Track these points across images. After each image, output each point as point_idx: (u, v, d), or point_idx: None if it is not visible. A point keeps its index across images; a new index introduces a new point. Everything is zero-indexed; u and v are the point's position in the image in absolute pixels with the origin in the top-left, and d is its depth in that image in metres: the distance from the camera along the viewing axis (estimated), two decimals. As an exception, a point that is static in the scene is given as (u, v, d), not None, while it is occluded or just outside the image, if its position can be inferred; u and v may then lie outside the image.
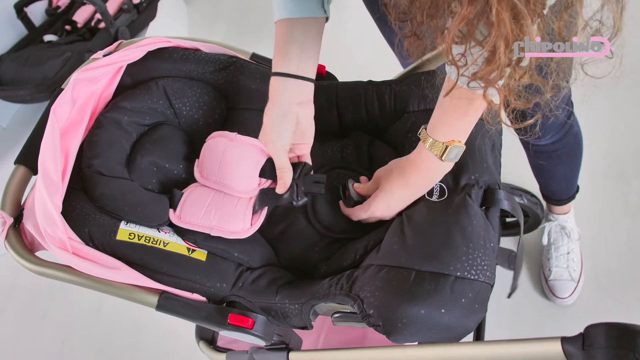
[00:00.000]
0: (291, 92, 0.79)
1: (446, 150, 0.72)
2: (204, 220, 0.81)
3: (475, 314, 0.68)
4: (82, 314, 1.64)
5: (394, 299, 0.67)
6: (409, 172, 0.77)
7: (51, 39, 2.00)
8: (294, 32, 0.77)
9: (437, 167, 0.75)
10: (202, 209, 0.82)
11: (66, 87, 0.82)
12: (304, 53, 0.78)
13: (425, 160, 0.75)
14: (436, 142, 0.72)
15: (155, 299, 0.76)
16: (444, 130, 0.72)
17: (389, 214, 0.80)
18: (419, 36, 0.59)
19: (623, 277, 1.40)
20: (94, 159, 0.83)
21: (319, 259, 0.83)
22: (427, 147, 0.73)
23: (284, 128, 0.80)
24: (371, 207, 0.80)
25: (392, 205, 0.79)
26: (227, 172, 0.83)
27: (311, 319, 0.77)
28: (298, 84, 0.79)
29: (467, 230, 0.72)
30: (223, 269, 0.80)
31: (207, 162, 0.85)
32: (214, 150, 0.86)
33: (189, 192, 0.85)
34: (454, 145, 0.72)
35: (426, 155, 0.74)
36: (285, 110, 0.79)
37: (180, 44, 0.93)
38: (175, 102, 0.90)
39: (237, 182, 0.82)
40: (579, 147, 1.20)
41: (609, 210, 1.51)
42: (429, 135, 0.73)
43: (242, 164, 0.82)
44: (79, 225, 0.77)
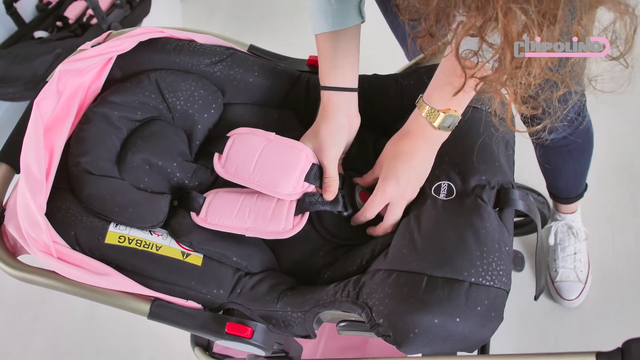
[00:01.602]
0: (345, 104, 0.81)
1: (440, 118, 0.73)
2: (237, 222, 0.79)
3: (491, 323, 0.63)
4: (75, 317, 1.60)
5: (405, 307, 0.62)
6: (406, 143, 0.76)
7: (42, 36, 1.96)
8: (338, 44, 0.78)
9: (432, 135, 0.75)
10: (234, 210, 0.80)
11: (51, 79, 0.77)
12: (348, 62, 0.80)
13: (419, 127, 0.75)
14: (432, 110, 0.73)
15: (147, 307, 0.72)
16: (441, 98, 0.73)
17: (402, 195, 0.77)
18: (433, 34, 0.59)
19: (632, 278, 1.38)
20: (82, 156, 0.78)
21: (323, 264, 0.79)
22: (423, 114, 0.74)
23: (340, 140, 0.82)
24: (380, 193, 0.77)
25: (401, 183, 0.76)
26: (269, 174, 0.80)
27: (314, 328, 0.72)
28: (350, 96, 0.81)
29: (480, 233, 0.68)
30: (220, 275, 0.76)
31: (237, 159, 0.82)
32: (246, 148, 0.83)
33: (212, 195, 0.82)
34: (449, 113, 0.73)
35: (421, 122, 0.75)
36: (342, 124, 0.81)
37: (174, 35, 0.88)
38: (168, 96, 0.85)
39: (284, 186, 0.80)
40: (590, 143, 1.17)
41: (617, 210, 1.48)
42: (425, 102, 0.74)
43: (288, 167, 0.80)
44: (65, 228, 0.73)
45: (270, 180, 0.80)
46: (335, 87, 0.80)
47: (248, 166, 0.82)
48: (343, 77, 0.80)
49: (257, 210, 0.79)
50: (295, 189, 0.80)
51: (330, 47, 0.78)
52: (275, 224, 0.78)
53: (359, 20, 0.78)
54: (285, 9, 2.18)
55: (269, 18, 2.17)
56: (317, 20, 0.77)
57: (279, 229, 0.78)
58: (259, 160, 0.82)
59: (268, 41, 0.82)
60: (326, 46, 0.79)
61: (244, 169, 0.82)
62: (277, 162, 0.81)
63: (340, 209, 0.79)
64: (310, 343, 1.18)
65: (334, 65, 0.79)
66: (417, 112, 0.76)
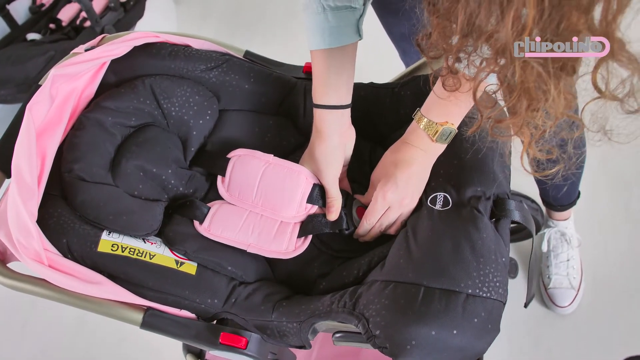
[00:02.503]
0: (338, 122, 0.80)
1: (438, 131, 0.74)
2: (240, 237, 0.79)
3: (488, 335, 0.63)
4: (65, 323, 1.58)
5: (402, 319, 0.62)
6: (405, 152, 0.77)
7: (34, 38, 1.93)
8: (333, 62, 0.77)
9: (429, 146, 0.76)
10: (238, 224, 0.80)
11: (44, 83, 0.75)
12: (342, 80, 0.79)
13: (417, 139, 0.76)
14: (431, 123, 0.74)
15: (140, 316, 0.71)
16: (440, 112, 0.74)
17: (401, 201, 0.76)
18: (455, 72, 0.58)
19: (625, 285, 1.38)
20: (75, 162, 0.77)
21: (318, 274, 0.78)
22: (421, 127, 0.75)
23: (336, 159, 0.81)
24: (380, 199, 0.77)
25: (400, 188, 0.76)
26: (272, 198, 0.82)
27: (310, 338, 0.71)
28: (342, 113, 0.80)
29: (477, 244, 0.68)
30: (214, 284, 0.75)
31: (239, 182, 0.83)
32: (247, 171, 0.83)
33: (217, 206, 0.82)
34: (447, 126, 0.74)
35: (419, 134, 0.76)
36: (336, 143, 0.81)
37: (169, 40, 0.87)
38: (163, 102, 0.84)
39: (287, 210, 0.80)
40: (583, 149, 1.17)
41: (609, 217, 1.48)
42: (423, 115, 0.75)
43: (289, 191, 0.81)
44: (56, 235, 0.71)
45: (274, 204, 0.81)
46: (327, 105, 0.79)
47: (251, 190, 0.82)
48: (336, 95, 0.78)
49: (261, 228, 0.80)
50: (298, 212, 0.81)
51: (325, 65, 0.77)
52: (277, 244, 0.79)
53: (356, 38, 0.76)
54: (278, 14, 2.17)
55: (263, 22, 2.16)
56: (312, 37, 0.76)
57: (281, 249, 0.79)
58: (260, 184, 0.82)
59: (261, 45, 0.81)
60: (321, 63, 0.77)
61: (247, 194, 0.83)
62: (278, 186, 0.82)
63: (343, 227, 0.80)
64: (303, 351, 1.18)
65: (328, 83, 0.78)
66: (415, 124, 0.76)
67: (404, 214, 0.78)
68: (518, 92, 0.50)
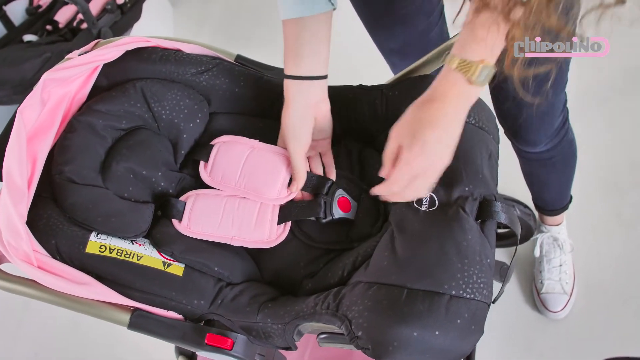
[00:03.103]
0: (306, 94, 0.78)
1: (478, 70, 0.64)
2: (221, 230, 0.79)
3: (471, 336, 0.63)
4: (58, 325, 1.59)
5: (384, 320, 0.62)
6: (433, 107, 0.66)
7: (31, 39, 1.94)
8: (304, 32, 0.75)
9: (463, 93, 0.66)
10: (218, 217, 0.80)
11: (35, 87, 0.76)
12: (315, 52, 0.76)
13: (449, 87, 0.66)
14: (466, 62, 0.64)
15: (127, 317, 0.71)
16: (476, 47, 0.64)
17: (431, 166, 0.68)
18: None
19: (617, 291, 1.38)
20: (65, 165, 0.77)
21: (304, 274, 0.78)
22: (454, 67, 0.65)
23: (302, 129, 0.80)
24: (404, 164, 0.68)
25: (428, 151, 0.66)
26: (255, 179, 0.82)
27: (295, 339, 0.72)
28: (312, 85, 0.78)
29: (462, 245, 0.68)
30: (201, 285, 0.75)
31: (223, 166, 0.84)
32: (231, 155, 0.84)
33: (192, 200, 0.82)
34: (485, 64, 0.64)
35: (453, 79, 0.66)
36: (302, 113, 0.79)
37: (160, 44, 0.87)
38: (154, 105, 0.85)
39: (270, 190, 0.81)
40: (574, 155, 1.18)
41: (602, 222, 1.49)
42: (456, 55, 0.65)
43: (273, 172, 0.82)
44: (46, 237, 0.72)
45: (257, 185, 0.82)
46: (291, 75, 0.77)
47: (234, 173, 0.83)
48: (304, 66, 0.76)
49: (241, 218, 0.80)
50: (280, 194, 0.81)
51: (295, 34, 0.75)
52: (259, 233, 0.79)
53: (328, 7, 0.74)
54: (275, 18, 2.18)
55: (260, 27, 2.17)
56: (283, 5, 0.74)
57: (264, 238, 0.79)
58: (244, 167, 0.83)
59: (257, 49, 0.82)
60: (292, 33, 0.75)
61: (231, 176, 0.83)
62: (262, 168, 0.83)
63: (321, 215, 0.79)
64: (295, 353, 1.18)
65: (297, 53, 0.76)
66: (447, 68, 0.66)
67: (432, 181, 0.70)
68: None
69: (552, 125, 1.03)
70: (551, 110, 0.99)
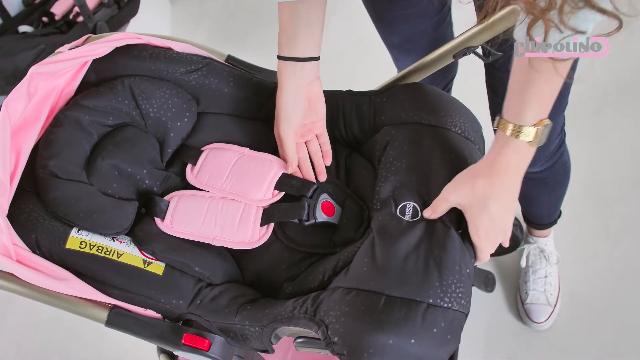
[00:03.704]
0: (299, 75, 0.80)
1: (537, 133, 0.64)
2: (204, 230, 0.79)
3: (447, 345, 0.63)
4: (42, 318, 1.58)
5: (360, 327, 0.62)
6: (498, 183, 0.67)
7: (26, 30, 1.93)
8: (299, 14, 0.76)
9: (526, 155, 0.67)
10: (201, 217, 0.80)
11: (22, 80, 0.76)
12: (309, 33, 0.78)
13: (513, 153, 0.66)
14: (522, 127, 0.64)
15: (104, 314, 0.71)
16: (530, 112, 0.64)
17: (502, 233, 0.71)
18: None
19: (601, 304, 1.39)
20: (50, 159, 0.77)
21: (286, 277, 0.78)
22: (509, 134, 0.65)
23: (295, 111, 0.81)
24: (478, 240, 0.70)
25: (498, 224, 0.69)
26: (241, 182, 0.83)
27: (272, 342, 0.72)
28: (305, 66, 0.80)
29: (441, 254, 0.68)
30: (181, 285, 0.75)
31: (210, 170, 0.85)
32: (220, 160, 0.85)
33: (176, 199, 0.82)
34: (544, 125, 0.65)
35: (513, 146, 0.66)
36: (294, 94, 0.80)
37: (151, 42, 0.87)
38: (142, 102, 0.85)
39: (256, 192, 0.82)
40: (567, 176, 1.18)
41: (590, 235, 1.49)
42: (512, 122, 0.65)
43: (260, 175, 0.83)
44: (26, 231, 0.72)
45: (243, 188, 0.82)
46: (284, 57, 0.79)
47: (221, 176, 0.84)
48: (296, 47, 0.78)
49: (224, 218, 0.80)
50: (265, 195, 0.82)
51: (289, 17, 0.77)
52: (242, 234, 0.79)
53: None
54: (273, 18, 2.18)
55: (257, 28, 2.17)
56: None
57: (246, 239, 0.79)
58: (232, 171, 0.84)
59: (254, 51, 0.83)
60: (286, 15, 0.77)
61: (217, 179, 0.84)
62: (250, 172, 0.83)
63: (304, 218, 0.79)
64: (277, 356, 1.17)
65: (289, 36, 0.78)
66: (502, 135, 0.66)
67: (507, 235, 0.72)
68: None
69: (548, 147, 1.03)
70: None
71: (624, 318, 1.36)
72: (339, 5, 2.03)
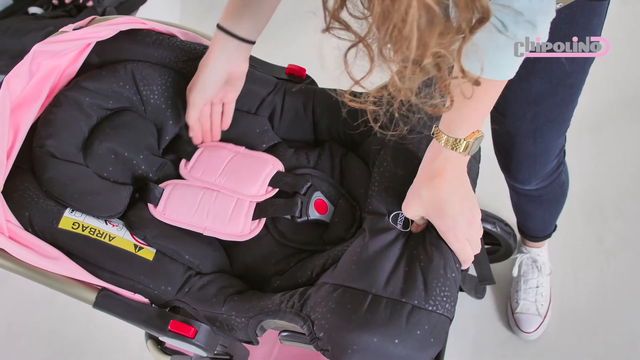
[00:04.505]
0: (231, 52, 0.81)
1: (468, 145, 0.67)
2: (195, 220, 0.79)
3: (430, 348, 0.64)
4: (34, 299, 1.58)
5: (345, 324, 0.62)
6: (438, 185, 0.69)
7: (36, 12, 1.94)
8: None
9: (460, 161, 0.70)
10: (194, 207, 0.80)
11: (25, 57, 0.76)
12: (256, 17, 0.80)
13: (445, 161, 0.69)
14: (456, 140, 0.67)
15: (93, 296, 0.71)
16: (462, 127, 0.67)
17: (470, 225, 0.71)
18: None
19: (591, 317, 1.39)
20: (47, 138, 0.77)
21: (274, 272, 0.78)
22: (443, 145, 0.68)
23: (213, 85, 0.82)
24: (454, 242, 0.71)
25: (461, 220, 0.70)
26: (235, 179, 0.83)
27: (258, 334, 0.72)
28: (240, 47, 0.81)
29: (427, 258, 0.69)
30: (170, 271, 0.75)
31: (204, 166, 0.85)
32: (214, 157, 0.86)
33: (170, 188, 0.82)
34: (475, 137, 0.67)
35: (446, 155, 0.69)
36: (219, 68, 0.81)
37: (156, 28, 0.88)
38: (143, 88, 0.85)
39: (249, 187, 0.82)
40: (563, 195, 1.19)
41: (583, 248, 1.50)
42: (444, 132, 0.68)
43: (254, 172, 0.83)
44: (20, 208, 0.72)
45: (236, 184, 0.82)
46: (225, 29, 0.80)
47: (215, 172, 0.84)
48: (238, 25, 0.80)
49: (216, 210, 0.80)
50: (259, 191, 0.82)
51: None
52: (233, 226, 0.79)
53: None
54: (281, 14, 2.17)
55: (267, 23, 2.17)
56: None
57: (237, 232, 0.79)
58: (226, 168, 0.84)
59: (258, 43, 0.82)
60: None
61: (210, 175, 0.84)
62: (243, 169, 0.83)
63: (296, 214, 0.79)
64: (263, 349, 1.18)
65: (237, 11, 0.79)
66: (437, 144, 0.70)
67: (479, 228, 0.73)
68: None
69: (545, 168, 1.03)
70: (546, 153, 0.99)
71: (612, 333, 1.36)
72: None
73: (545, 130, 0.92)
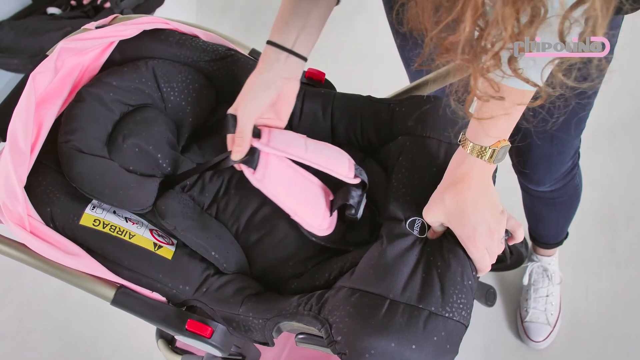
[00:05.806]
0: (282, 66, 0.76)
1: (494, 153, 0.67)
2: (287, 201, 0.77)
3: (445, 354, 0.64)
4: (47, 294, 1.59)
5: (364, 328, 0.62)
6: (461, 191, 0.69)
7: (54, 12, 1.96)
8: (301, 5, 0.74)
9: (486, 170, 0.69)
10: (285, 187, 0.77)
11: (51, 54, 0.77)
12: (305, 29, 0.75)
13: (470, 168, 0.69)
14: (482, 147, 0.67)
15: (112, 293, 0.72)
16: (488, 136, 0.67)
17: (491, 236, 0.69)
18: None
19: (601, 328, 1.38)
20: (72, 134, 0.78)
21: (292, 274, 0.79)
22: (469, 152, 0.68)
23: (262, 97, 0.76)
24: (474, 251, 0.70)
25: (484, 229, 0.69)
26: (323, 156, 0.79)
27: (274, 336, 0.72)
28: (290, 60, 0.76)
29: (444, 265, 0.69)
30: (189, 271, 0.76)
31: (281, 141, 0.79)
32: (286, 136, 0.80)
33: (267, 158, 0.77)
34: (501, 145, 0.67)
35: (471, 162, 0.68)
36: (269, 81, 0.76)
37: (179, 28, 0.88)
38: (163, 85, 0.86)
39: (340, 167, 0.78)
40: (577, 199, 1.18)
41: (594, 258, 1.49)
42: (469, 140, 0.68)
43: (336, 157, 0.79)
44: (42, 204, 0.73)
45: (327, 160, 0.78)
46: (274, 42, 0.75)
47: (299, 145, 0.79)
48: (287, 36, 0.75)
49: (302, 195, 0.78)
50: (348, 174, 0.78)
51: (290, 4, 0.74)
52: (314, 218, 0.78)
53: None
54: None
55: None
56: None
57: (316, 224, 0.77)
58: (308, 146, 0.79)
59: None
60: (287, 4, 0.75)
61: (295, 147, 0.78)
62: (324, 149, 0.80)
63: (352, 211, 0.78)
64: (273, 350, 1.18)
65: (285, 23, 0.75)
66: (462, 151, 0.69)
67: (501, 237, 0.72)
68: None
69: (560, 169, 1.03)
70: (561, 154, 0.99)
71: (622, 343, 1.35)
72: (361, 8, 2.04)
73: (563, 131, 0.92)
